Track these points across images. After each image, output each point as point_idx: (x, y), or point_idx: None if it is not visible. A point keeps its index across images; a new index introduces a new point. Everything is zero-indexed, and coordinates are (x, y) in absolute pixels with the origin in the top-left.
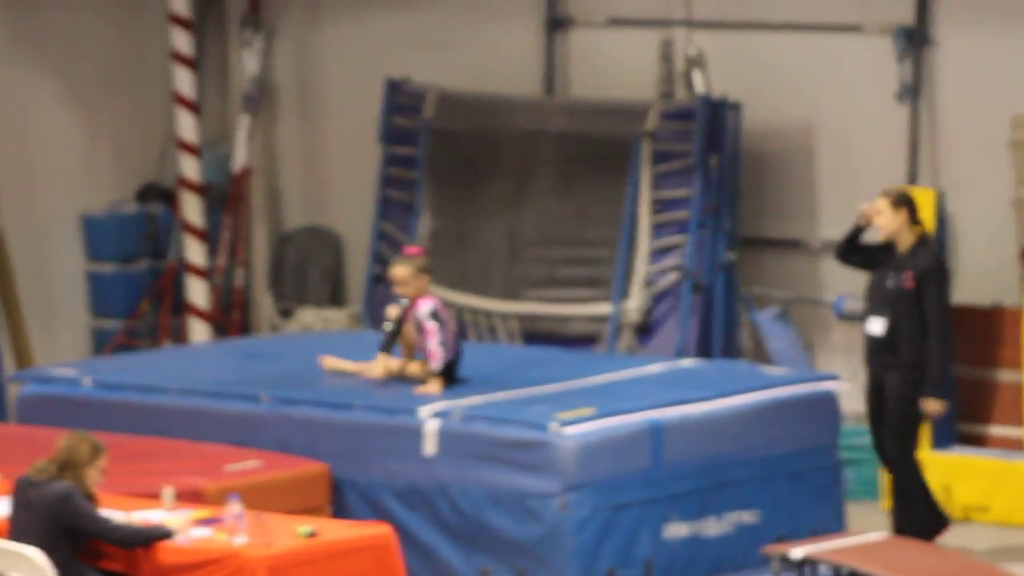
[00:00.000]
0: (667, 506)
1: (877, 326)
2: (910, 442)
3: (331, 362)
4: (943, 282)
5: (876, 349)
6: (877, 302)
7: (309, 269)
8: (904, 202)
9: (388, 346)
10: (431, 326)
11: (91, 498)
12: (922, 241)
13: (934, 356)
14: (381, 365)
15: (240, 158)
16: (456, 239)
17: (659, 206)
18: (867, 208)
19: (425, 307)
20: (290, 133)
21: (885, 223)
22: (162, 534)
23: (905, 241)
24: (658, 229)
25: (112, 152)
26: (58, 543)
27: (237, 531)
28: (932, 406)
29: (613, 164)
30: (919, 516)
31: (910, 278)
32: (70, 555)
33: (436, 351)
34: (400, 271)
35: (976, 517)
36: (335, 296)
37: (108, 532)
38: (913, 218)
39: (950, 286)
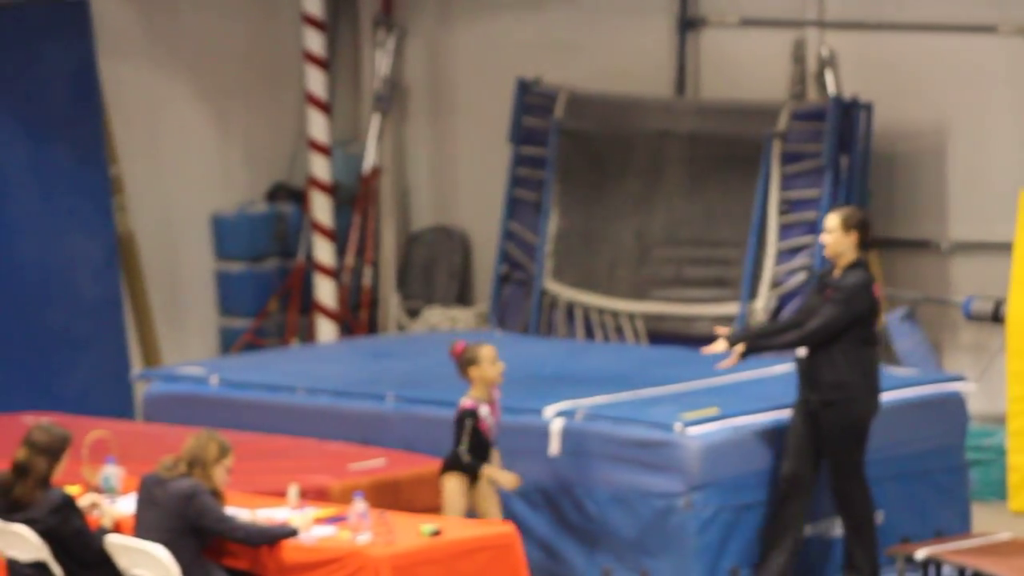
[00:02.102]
0: None
1: (803, 350)
2: (848, 472)
3: None
4: (853, 305)
5: (803, 374)
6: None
7: (436, 268)
8: (856, 225)
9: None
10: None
11: (217, 496)
12: (857, 263)
13: (785, 338)
14: None
15: (370, 158)
16: (584, 239)
17: (788, 206)
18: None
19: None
20: (420, 133)
21: (833, 242)
22: (286, 532)
23: (843, 263)
24: (786, 229)
25: (243, 152)
26: (183, 541)
27: (361, 529)
28: (725, 351)
29: (743, 164)
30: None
31: (829, 296)
32: (195, 553)
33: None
34: (493, 350)
35: None
36: (462, 295)
37: (232, 531)
38: (863, 242)
39: (861, 313)
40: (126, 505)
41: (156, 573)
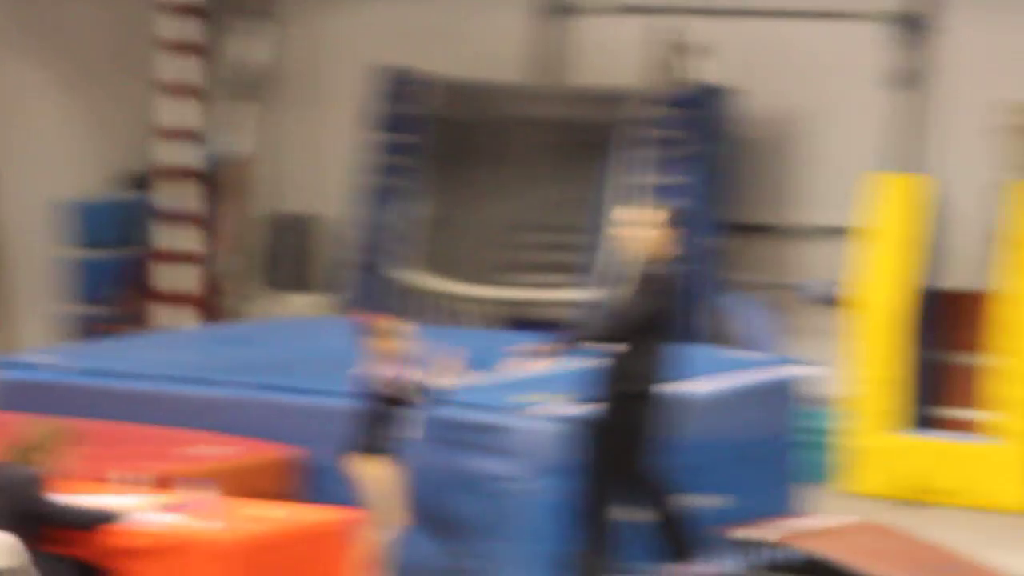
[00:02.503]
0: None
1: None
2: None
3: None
4: (660, 296)
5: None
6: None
7: (288, 255)
8: (675, 222)
9: None
10: None
11: (57, 483)
12: (664, 260)
13: (593, 332)
14: None
15: (234, 145)
16: (445, 226)
17: (648, 192)
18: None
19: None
20: (287, 121)
21: (658, 238)
22: (107, 517)
23: (661, 257)
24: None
25: (94, 138)
26: (21, 528)
27: (204, 516)
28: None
29: (601, 150)
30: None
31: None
32: (33, 541)
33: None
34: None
35: (939, 500)
36: (314, 282)
37: (69, 517)
38: (671, 239)
39: (664, 306)
40: None
41: (4, 560)
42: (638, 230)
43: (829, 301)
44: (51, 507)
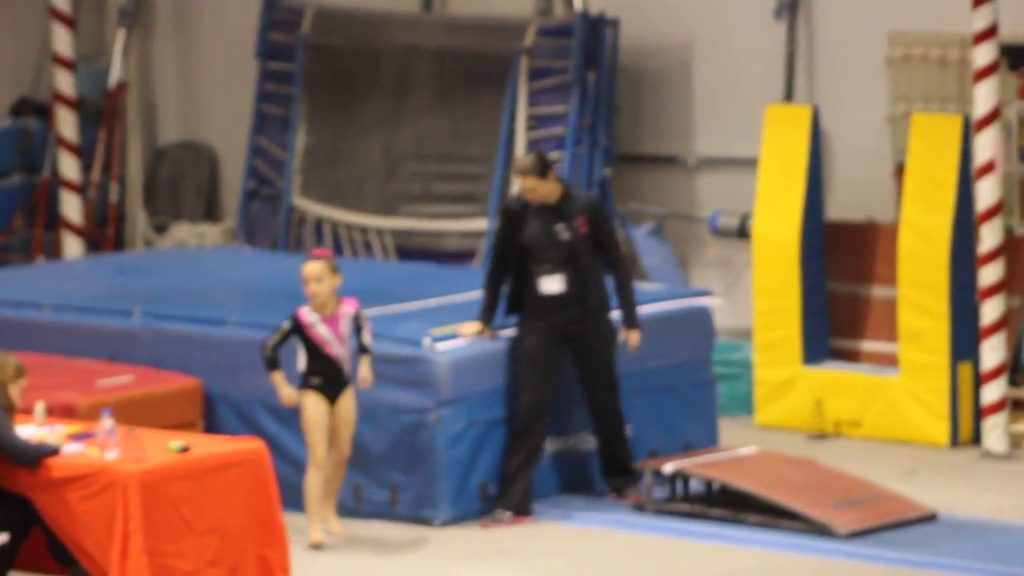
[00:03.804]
0: None
1: (555, 284)
2: (618, 387)
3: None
4: (608, 215)
5: (559, 306)
6: (552, 259)
7: (184, 184)
8: (547, 167)
9: None
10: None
11: (9, 413)
12: (568, 188)
13: (629, 287)
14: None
15: (115, 73)
16: (332, 155)
17: (536, 122)
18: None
19: (353, 303)
20: (166, 48)
21: (542, 191)
22: (50, 451)
23: (553, 197)
24: (533, 145)
25: None
26: None
27: (109, 446)
28: (636, 338)
29: (490, 80)
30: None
31: (583, 222)
32: None
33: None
34: (316, 268)
35: (847, 432)
36: (210, 211)
37: (8, 443)
38: (555, 175)
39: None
40: None
41: None
42: (531, 184)
43: (735, 233)
44: (7, 438)
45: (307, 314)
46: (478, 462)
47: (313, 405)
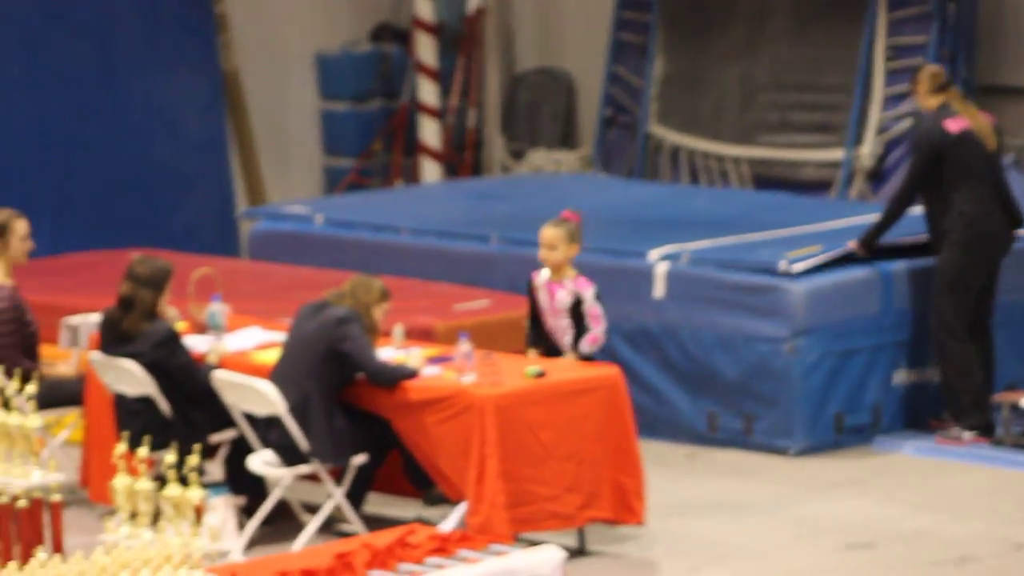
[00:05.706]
0: (895, 352)
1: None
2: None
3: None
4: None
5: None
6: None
7: (541, 111)
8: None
9: None
10: (599, 311)
11: (373, 334)
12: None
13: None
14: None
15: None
16: (689, 83)
17: (895, 52)
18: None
19: (589, 289)
20: None
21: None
22: (408, 373)
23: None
24: (893, 75)
25: None
26: (324, 368)
27: (466, 370)
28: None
29: (849, 9)
30: None
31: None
32: (331, 385)
33: (600, 337)
34: (551, 234)
35: None
36: (566, 138)
37: (367, 364)
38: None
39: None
40: (232, 342)
41: (262, 408)
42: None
43: None
44: (363, 353)
45: (539, 276)
46: (833, 393)
47: None
